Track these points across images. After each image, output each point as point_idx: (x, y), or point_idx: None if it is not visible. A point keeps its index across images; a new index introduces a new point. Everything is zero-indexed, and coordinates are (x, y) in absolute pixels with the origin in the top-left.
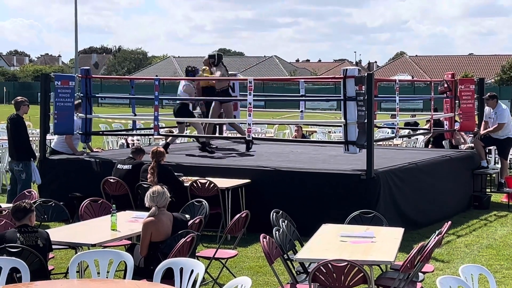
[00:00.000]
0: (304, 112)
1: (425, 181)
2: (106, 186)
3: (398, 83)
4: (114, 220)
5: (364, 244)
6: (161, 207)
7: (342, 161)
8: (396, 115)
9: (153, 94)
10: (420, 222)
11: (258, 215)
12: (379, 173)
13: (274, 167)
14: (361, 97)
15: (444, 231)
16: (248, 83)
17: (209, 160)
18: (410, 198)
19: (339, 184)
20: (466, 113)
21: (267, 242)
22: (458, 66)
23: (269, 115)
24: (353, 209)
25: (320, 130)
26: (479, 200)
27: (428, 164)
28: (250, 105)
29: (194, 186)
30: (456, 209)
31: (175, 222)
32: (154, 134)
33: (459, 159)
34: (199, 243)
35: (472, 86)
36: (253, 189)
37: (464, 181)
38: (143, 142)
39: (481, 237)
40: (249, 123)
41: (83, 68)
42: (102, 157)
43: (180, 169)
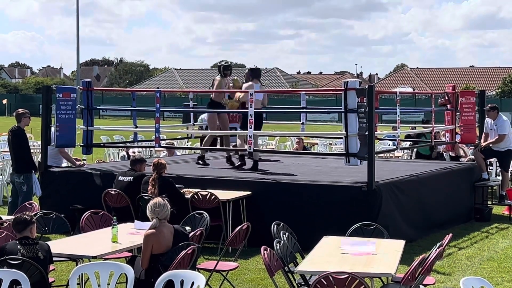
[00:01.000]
0: (305, 124)
1: (426, 193)
2: (107, 198)
3: (399, 95)
4: (115, 232)
5: (365, 257)
6: (162, 219)
7: (343, 173)
8: (397, 127)
9: (155, 106)
10: (421, 234)
11: (259, 227)
12: (380, 185)
13: (275, 179)
14: (362, 109)
15: (445, 243)
16: (249, 95)
17: (210, 172)
18: (411, 210)
19: (340, 196)
20: (467, 125)
21: (268, 254)
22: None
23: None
24: (354, 221)
25: (321, 142)
26: (481, 213)
27: (429, 176)
28: (251, 117)
29: (195, 198)
30: (458, 221)
31: (176, 234)
32: (155, 146)
33: (460, 171)
34: (200, 255)
35: (473, 99)
36: (254, 201)
37: (465, 193)
38: (144, 154)
39: (482, 250)
40: (250, 135)
41: (84, 80)
42: (103, 169)
43: (181, 181)
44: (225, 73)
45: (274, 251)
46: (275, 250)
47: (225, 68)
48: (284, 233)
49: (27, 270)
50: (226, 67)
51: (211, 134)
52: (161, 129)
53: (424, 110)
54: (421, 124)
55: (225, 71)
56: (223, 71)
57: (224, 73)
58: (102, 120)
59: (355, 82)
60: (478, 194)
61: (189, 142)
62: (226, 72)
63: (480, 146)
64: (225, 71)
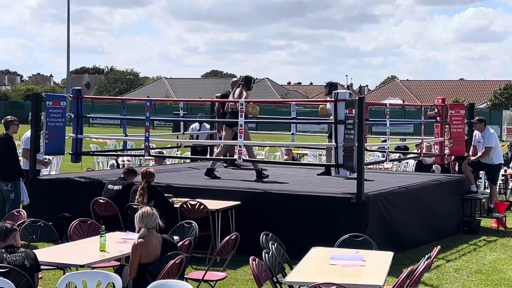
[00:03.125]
0: (295, 135)
1: (415, 205)
2: (95, 206)
3: (389, 107)
4: (103, 241)
5: (353, 268)
6: (151, 228)
7: (333, 184)
8: (386, 139)
9: (145, 115)
10: (409, 246)
11: (248, 237)
12: (369, 197)
13: (264, 189)
14: (350, 121)
15: (433, 255)
16: (239, 105)
17: (199, 181)
18: (400, 222)
19: (329, 207)
20: (456, 138)
21: (257, 264)
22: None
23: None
24: (343, 233)
25: (311, 152)
26: (469, 225)
27: (418, 188)
28: (241, 127)
29: (184, 207)
30: (446, 233)
31: (164, 244)
32: (145, 155)
33: (449, 183)
34: (188, 265)
35: (462, 111)
36: (243, 211)
37: (454, 205)
38: (134, 162)
39: (470, 262)
40: (239, 145)
41: (74, 88)
42: (92, 177)
43: (170, 190)
44: (252, 86)
45: (263, 262)
46: (264, 261)
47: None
48: (273, 244)
49: (14, 278)
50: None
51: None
52: (151, 138)
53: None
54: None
55: (252, 84)
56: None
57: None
58: (92, 128)
59: (345, 93)
60: (467, 206)
61: (179, 151)
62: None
63: (469, 159)
64: (252, 84)
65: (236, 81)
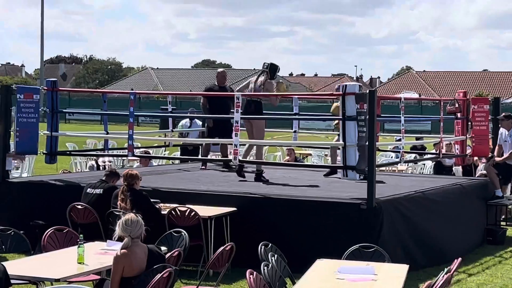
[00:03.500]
0: (298, 133)
1: (433, 212)
2: (72, 213)
3: (403, 102)
4: (81, 251)
5: (363, 283)
6: (135, 237)
7: (340, 188)
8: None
9: (128, 109)
10: (427, 258)
11: (245, 248)
12: (381, 203)
13: (263, 194)
14: (362, 117)
15: (453, 268)
16: (235, 99)
17: (189, 185)
18: (416, 231)
19: (336, 214)
20: (479, 137)
21: (254, 279)
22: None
23: None
24: (351, 243)
25: (315, 153)
26: (493, 235)
27: (436, 193)
28: (237, 123)
29: (172, 214)
30: (468, 244)
31: (151, 255)
32: (128, 155)
33: (472, 188)
34: (177, 279)
35: (486, 106)
36: (239, 219)
37: (476, 212)
38: (116, 164)
39: (495, 276)
40: (235, 144)
41: (49, 79)
42: (69, 180)
43: (156, 195)
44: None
45: (261, 276)
46: (263, 274)
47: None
48: (273, 255)
49: None
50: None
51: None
52: (135, 136)
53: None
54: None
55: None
56: (276, 73)
57: (276, 76)
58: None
59: (354, 86)
60: (491, 213)
61: (167, 151)
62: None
63: (493, 160)
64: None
65: (222, 71)
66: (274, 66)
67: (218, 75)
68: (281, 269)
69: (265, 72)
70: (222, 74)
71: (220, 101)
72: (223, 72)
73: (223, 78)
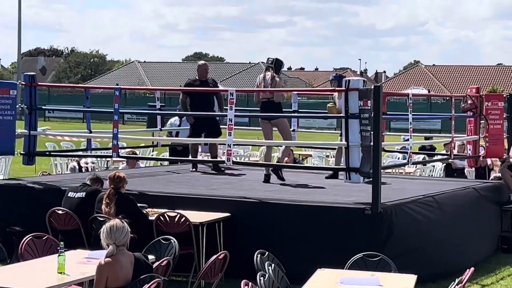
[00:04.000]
0: (297, 132)
1: (443, 218)
2: (52, 218)
3: (411, 98)
4: (61, 260)
5: None
6: (120, 245)
7: (343, 192)
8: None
9: (112, 106)
10: (436, 268)
11: (239, 256)
12: (387, 208)
13: (259, 198)
14: (366, 115)
15: (465, 279)
16: (229, 95)
17: (179, 188)
18: (424, 239)
19: (338, 220)
20: (493, 136)
21: None
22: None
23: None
24: (355, 251)
25: (316, 153)
26: (508, 242)
27: (447, 197)
28: (231, 122)
29: (161, 220)
30: (481, 252)
31: (137, 265)
32: (113, 156)
33: (485, 191)
34: None
35: (500, 104)
36: (233, 225)
37: (490, 218)
38: (100, 165)
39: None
40: (229, 144)
41: (27, 74)
42: (49, 183)
43: (144, 199)
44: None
45: (257, 287)
46: (259, 285)
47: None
48: (270, 265)
49: None
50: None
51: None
52: (121, 135)
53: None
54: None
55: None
56: (281, 68)
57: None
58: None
59: (358, 81)
60: (506, 219)
61: (155, 151)
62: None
63: (509, 161)
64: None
65: (204, 64)
66: (279, 61)
67: (199, 68)
68: (279, 279)
69: (271, 67)
70: (204, 67)
71: (202, 97)
72: (205, 65)
73: (204, 71)
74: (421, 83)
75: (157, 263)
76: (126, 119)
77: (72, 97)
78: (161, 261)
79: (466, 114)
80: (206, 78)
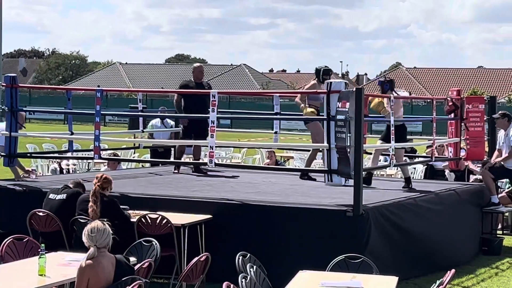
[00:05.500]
0: (279, 134)
1: (424, 220)
2: (33, 220)
3: (393, 101)
4: (42, 263)
5: None
6: (102, 247)
7: (324, 194)
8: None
9: (94, 108)
10: (417, 269)
11: (221, 258)
12: (369, 210)
13: (241, 200)
14: (341, 116)
15: (446, 281)
16: (211, 97)
17: (161, 190)
18: (406, 241)
19: (320, 222)
20: (474, 138)
21: None
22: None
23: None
24: (336, 253)
25: (298, 155)
26: (489, 244)
27: (428, 199)
28: (213, 124)
29: (142, 222)
30: (462, 254)
31: (118, 267)
32: (95, 158)
33: (466, 194)
34: None
35: (481, 106)
36: (215, 227)
37: (471, 220)
38: (81, 167)
39: None
40: (211, 146)
41: (7, 75)
42: (29, 185)
43: (125, 201)
44: (324, 78)
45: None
46: (240, 287)
47: (325, 72)
48: (252, 267)
49: None
50: (326, 71)
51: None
52: (102, 136)
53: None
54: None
55: (325, 76)
56: (322, 76)
57: (323, 77)
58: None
59: (340, 83)
60: (487, 221)
61: (136, 153)
62: (326, 77)
63: (489, 163)
64: (324, 75)
65: (199, 66)
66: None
67: (195, 70)
68: (261, 281)
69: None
70: (199, 69)
71: (197, 99)
72: (200, 67)
73: (200, 73)
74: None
75: (138, 265)
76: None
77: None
78: (143, 263)
79: (447, 117)
80: (201, 80)
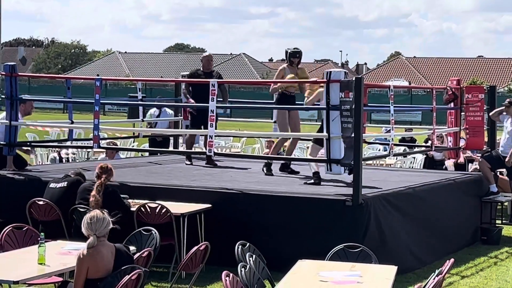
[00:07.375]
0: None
1: (423, 210)
2: (33, 209)
3: (392, 90)
4: (42, 251)
5: (348, 285)
6: (101, 236)
7: (324, 183)
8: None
9: (93, 97)
10: (417, 259)
11: (220, 247)
12: (368, 199)
13: (240, 190)
14: (347, 106)
15: (445, 270)
16: (211, 87)
17: (160, 179)
18: (405, 230)
19: (319, 212)
20: (474, 128)
21: (231, 281)
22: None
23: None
24: (336, 242)
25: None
26: (488, 234)
27: (427, 189)
28: (212, 113)
29: (142, 211)
30: (460, 244)
31: (118, 255)
32: (94, 147)
33: (465, 183)
34: (147, 281)
35: (481, 95)
36: (214, 216)
37: (470, 210)
38: (80, 156)
39: (489, 279)
40: (210, 135)
41: (7, 64)
42: (29, 174)
43: (125, 190)
44: (292, 60)
45: (238, 277)
46: (240, 276)
47: (292, 54)
48: (251, 256)
49: None
50: (293, 54)
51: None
52: (101, 125)
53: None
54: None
55: (292, 58)
56: (290, 58)
57: (290, 60)
58: None
59: (339, 73)
60: (486, 211)
61: (136, 142)
62: (293, 59)
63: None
64: (292, 57)
65: (208, 55)
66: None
67: (204, 59)
68: (260, 270)
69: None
70: (207, 58)
71: (206, 89)
72: (209, 56)
73: (208, 62)
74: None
75: (138, 254)
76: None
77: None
78: (142, 252)
79: (447, 106)
80: (210, 69)
